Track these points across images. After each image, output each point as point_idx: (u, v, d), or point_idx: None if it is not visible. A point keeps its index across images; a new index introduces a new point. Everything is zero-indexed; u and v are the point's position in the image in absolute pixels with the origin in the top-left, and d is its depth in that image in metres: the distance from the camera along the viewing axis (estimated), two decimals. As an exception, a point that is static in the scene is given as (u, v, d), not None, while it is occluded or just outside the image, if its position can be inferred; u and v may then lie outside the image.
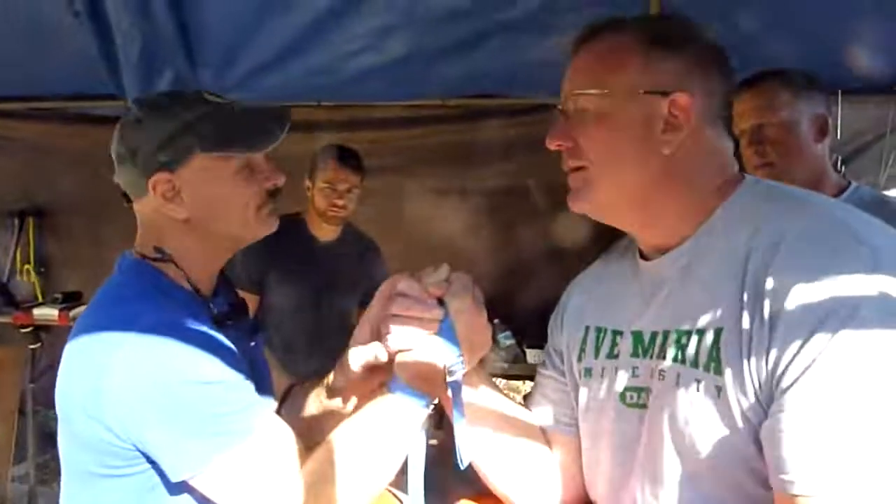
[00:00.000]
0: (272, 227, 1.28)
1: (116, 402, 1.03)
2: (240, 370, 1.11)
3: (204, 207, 1.21)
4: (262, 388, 1.20)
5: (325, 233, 2.77)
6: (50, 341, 3.46)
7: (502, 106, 3.20)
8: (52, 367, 3.40)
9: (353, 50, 2.71)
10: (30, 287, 3.71)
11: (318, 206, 2.68)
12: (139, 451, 1.06)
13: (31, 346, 3.40)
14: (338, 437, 1.08)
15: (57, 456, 1.17)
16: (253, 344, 1.36)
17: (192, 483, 1.05)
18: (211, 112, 1.21)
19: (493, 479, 1.17)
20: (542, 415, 1.21)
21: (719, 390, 0.87)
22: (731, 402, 0.85)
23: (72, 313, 3.29)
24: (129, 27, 2.44)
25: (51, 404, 1.15)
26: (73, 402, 1.10)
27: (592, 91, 0.98)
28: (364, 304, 2.88)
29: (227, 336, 1.15)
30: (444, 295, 1.03)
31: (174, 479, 1.05)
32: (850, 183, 1.91)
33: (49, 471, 3.51)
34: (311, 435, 1.14)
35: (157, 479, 1.08)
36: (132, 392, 1.03)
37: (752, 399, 0.83)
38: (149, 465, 1.08)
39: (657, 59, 0.97)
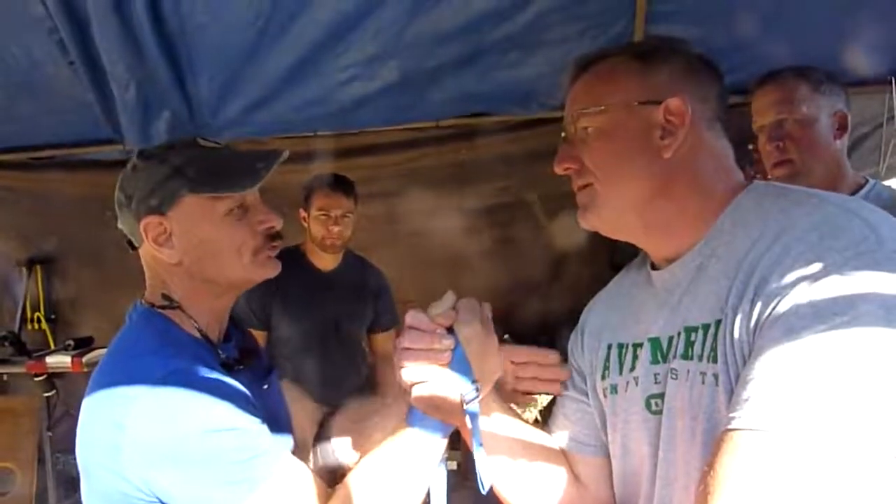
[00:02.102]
0: (271, 270, 1.28)
1: (135, 457, 1.04)
2: (254, 415, 1.11)
3: (195, 250, 1.22)
4: (279, 429, 1.20)
5: (326, 262, 2.79)
6: (65, 388, 3.47)
7: (496, 123, 3.21)
8: (69, 413, 3.43)
9: (346, 79, 2.74)
10: (41, 335, 3.73)
11: (314, 235, 2.70)
12: (162, 503, 1.06)
13: (46, 394, 3.41)
14: (358, 474, 1.08)
15: (79, 501, 1.17)
16: (266, 386, 1.36)
17: None
18: (200, 155, 1.24)
19: (515, 503, 1.17)
20: (563, 436, 1.20)
21: (716, 378, 0.88)
22: (727, 389, 0.86)
23: (85, 359, 3.31)
24: (124, 72, 2.48)
25: (70, 450, 1.16)
26: (92, 457, 1.11)
27: (591, 110, 1.02)
28: (372, 330, 2.90)
29: (239, 381, 1.15)
30: (454, 323, 1.03)
31: None
32: (867, 180, 1.91)
33: (71, 517, 3.50)
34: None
35: None
36: (150, 446, 1.04)
37: None
38: None
39: (647, 73, 1.01)
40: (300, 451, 1.26)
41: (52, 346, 3.63)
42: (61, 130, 3.14)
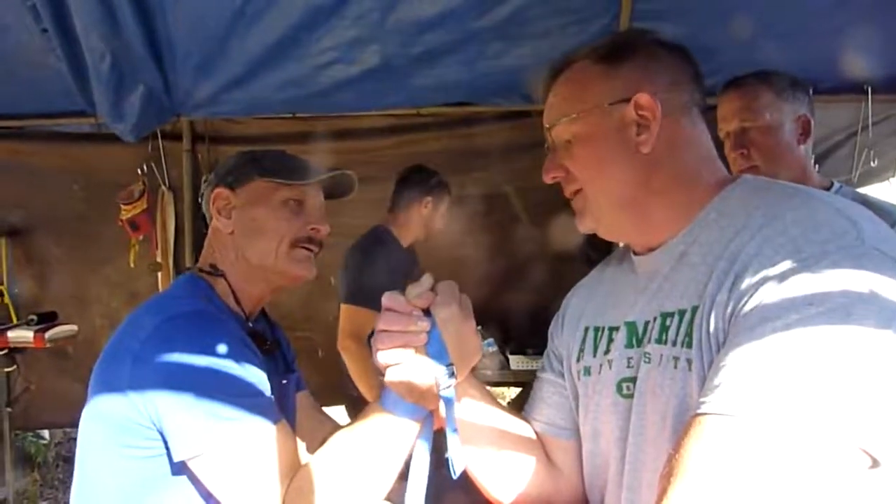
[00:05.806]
0: (303, 268, 1.39)
1: (143, 379, 1.11)
2: (258, 367, 1.18)
3: (246, 225, 1.37)
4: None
5: (408, 240, 3.01)
6: (26, 363, 3.40)
7: (477, 113, 3.20)
8: (29, 389, 3.36)
9: (326, 62, 2.71)
10: (3, 309, 3.64)
11: (436, 226, 3.04)
12: (157, 430, 1.12)
13: (7, 370, 3.34)
14: (325, 453, 1.08)
15: (37, 480, 1.17)
16: (284, 382, 1.43)
17: (189, 465, 1.11)
18: (279, 154, 1.45)
19: (489, 487, 1.17)
20: (541, 420, 1.21)
21: (689, 364, 0.89)
22: (699, 375, 0.86)
23: (47, 335, 3.22)
24: (98, 43, 2.42)
25: (29, 427, 1.15)
26: (104, 380, 1.18)
27: (565, 120, 1.04)
28: None
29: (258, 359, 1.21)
30: (431, 306, 1.02)
31: (175, 458, 1.11)
32: (832, 183, 1.93)
33: (29, 495, 3.44)
34: None
35: (166, 466, 1.14)
36: (155, 370, 1.11)
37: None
38: (164, 451, 1.12)
39: (611, 72, 1.03)
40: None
41: (15, 321, 3.54)
42: (32, 100, 3.06)
